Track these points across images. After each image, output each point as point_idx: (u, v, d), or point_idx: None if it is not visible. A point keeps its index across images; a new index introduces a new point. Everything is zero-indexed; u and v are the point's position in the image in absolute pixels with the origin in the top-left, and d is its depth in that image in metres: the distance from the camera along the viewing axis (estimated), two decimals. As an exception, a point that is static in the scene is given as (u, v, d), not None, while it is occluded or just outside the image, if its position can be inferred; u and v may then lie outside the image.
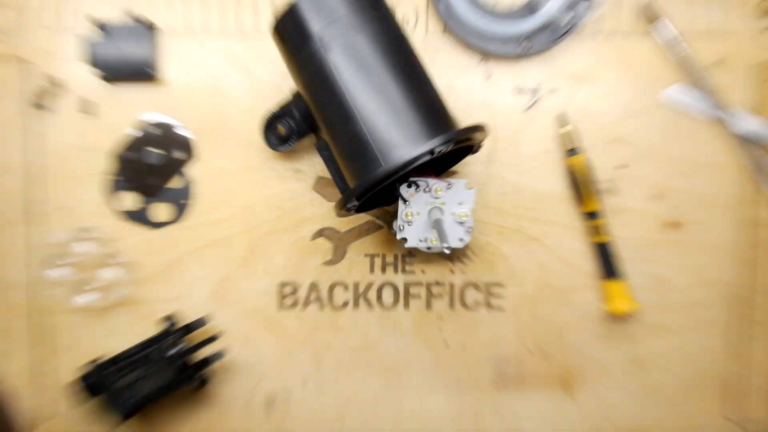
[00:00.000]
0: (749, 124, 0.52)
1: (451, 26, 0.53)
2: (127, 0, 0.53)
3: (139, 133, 0.54)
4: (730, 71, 0.53)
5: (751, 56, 0.54)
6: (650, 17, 0.52)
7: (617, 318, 0.55)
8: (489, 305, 0.55)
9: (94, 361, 0.51)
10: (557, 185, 0.54)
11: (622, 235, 0.54)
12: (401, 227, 0.48)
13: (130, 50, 0.53)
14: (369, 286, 0.55)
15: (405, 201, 0.48)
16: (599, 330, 0.55)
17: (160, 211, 0.55)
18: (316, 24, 0.45)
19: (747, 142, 0.52)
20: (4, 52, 0.53)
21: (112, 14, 0.53)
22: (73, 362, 0.53)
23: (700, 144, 0.54)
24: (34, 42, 0.54)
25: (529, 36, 0.53)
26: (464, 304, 0.55)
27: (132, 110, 0.54)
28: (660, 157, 0.54)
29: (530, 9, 0.52)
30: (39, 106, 0.53)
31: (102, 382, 0.51)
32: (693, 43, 0.53)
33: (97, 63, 0.52)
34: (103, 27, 0.52)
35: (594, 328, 0.55)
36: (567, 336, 0.55)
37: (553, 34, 0.53)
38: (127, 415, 0.51)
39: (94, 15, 0.53)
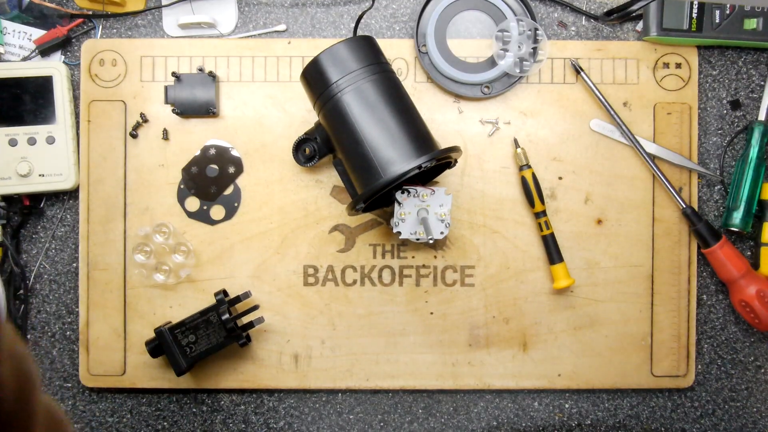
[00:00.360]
0: (650, 147, 0.65)
1: (433, 76, 0.64)
2: (198, 58, 0.65)
3: (203, 154, 0.65)
4: (634, 110, 0.65)
5: (650, 99, 0.66)
6: (575, 71, 0.65)
7: (560, 292, 0.65)
8: (463, 283, 0.65)
9: (166, 324, 0.61)
10: (513, 192, 0.65)
11: (561, 229, 0.65)
12: (397, 223, 0.57)
13: (198, 94, 0.64)
14: (372, 268, 0.65)
15: (399, 203, 0.56)
16: (547, 301, 0.65)
17: (217, 211, 0.65)
18: (334, 75, 0.54)
19: (649, 160, 0.64)
20: (113, 97, 0.65)
21: (188, 68, 0.65)
22: (151, 325, 0.63)
23: (616, 161, 0.65)
24: (132, 90, 0.65)
25: (490, 83, 0.65)
26: (444, 282, 0.65)
27: (198, 137, 0.65)
28: (587, 171, 0.65)
29: (491, 63, 0.64)
30: (133, 135, 0.65)
31: (170, 340, 0.60)
32: (606, 89, 0.65)
33: (174, 103, 0.64)
34: (179, 77, 0.64)
35: (543, 300, 0.65)
36: (523, 306, 0.65)
37: (507, 82, 0.64)
38: (189, 366, 0.61)
39: (175, 70, 0.64)
